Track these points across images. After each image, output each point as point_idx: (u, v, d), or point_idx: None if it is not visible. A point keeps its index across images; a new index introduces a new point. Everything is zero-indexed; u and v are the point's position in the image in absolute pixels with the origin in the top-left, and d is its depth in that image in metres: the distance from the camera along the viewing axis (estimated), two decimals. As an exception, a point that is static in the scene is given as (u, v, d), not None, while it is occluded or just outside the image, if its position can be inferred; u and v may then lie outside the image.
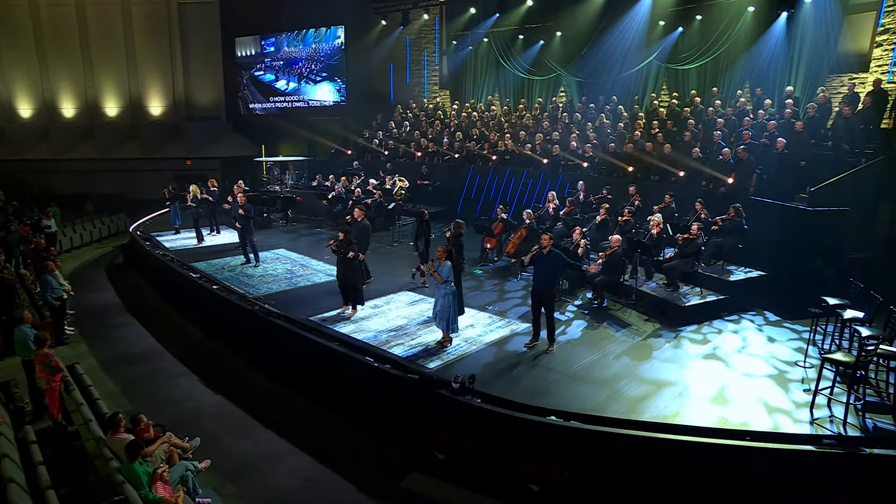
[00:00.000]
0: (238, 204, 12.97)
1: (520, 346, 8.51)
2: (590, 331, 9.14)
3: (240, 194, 13.23)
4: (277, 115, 24.37)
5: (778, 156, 11.58)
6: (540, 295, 8.25)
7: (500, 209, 13.21)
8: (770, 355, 8.25)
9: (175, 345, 11.12)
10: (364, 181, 17.46)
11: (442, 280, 8.10)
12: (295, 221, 17.99)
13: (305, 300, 10.78)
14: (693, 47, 15.97)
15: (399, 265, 13.01)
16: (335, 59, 22.72)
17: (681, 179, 12.68)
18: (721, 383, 7.42)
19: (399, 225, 15.80)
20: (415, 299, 10.65)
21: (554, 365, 7.92)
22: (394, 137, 20.19)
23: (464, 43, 20.88)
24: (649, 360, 8.12)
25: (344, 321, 9.58)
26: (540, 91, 19.60)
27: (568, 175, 15.09)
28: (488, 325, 9.30)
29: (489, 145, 17.56)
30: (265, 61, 24.62)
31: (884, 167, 10.65)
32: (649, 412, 6.72)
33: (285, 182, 20.40)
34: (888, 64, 13.35)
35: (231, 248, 14.63)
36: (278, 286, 11.60)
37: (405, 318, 9.67)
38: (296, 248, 14.79)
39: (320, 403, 8.63)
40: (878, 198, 10.44)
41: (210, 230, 16.22)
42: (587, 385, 7.38)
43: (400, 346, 8.57)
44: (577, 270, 9.04)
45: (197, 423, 8.35)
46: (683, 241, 9.94)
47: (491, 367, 7.87)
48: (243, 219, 12.81)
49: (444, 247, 8.34)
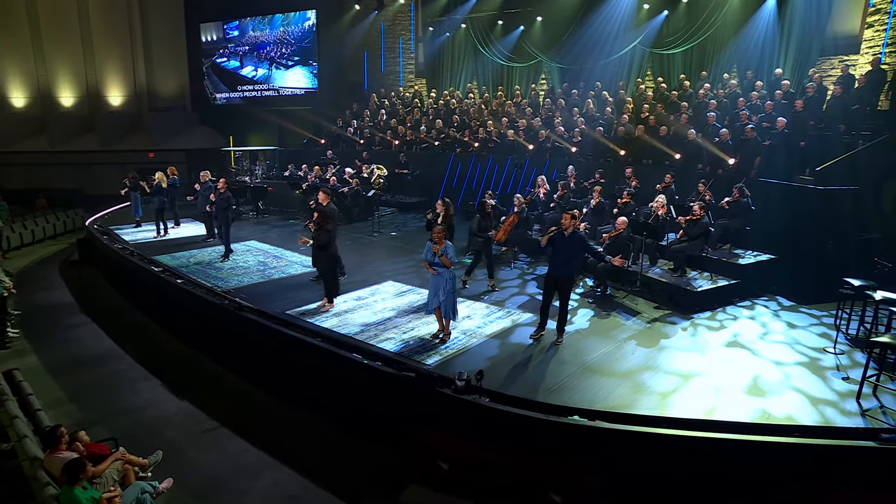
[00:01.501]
0: (219, 192, 11.72)
1: (524, 337, 7.55)
2: (597, 320, 8.25)
3: (221, 181, 11.98)
4: (244, 105, 22.86)
5: (779, 136, 10.94)
6: (557, 281, 7.29)
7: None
8: (795, 342, 7.49)
9: (135, 346, 9.81)
10: (340, 170, 16.30)
11: (450, 263, 7.11)
12: (266, 213, 16.72)
13: (281, 293, 9.63)
14: (679, 31, 15.31)
15: (381, 255, 11.96)
16: (307, 41, 21.28)
17: (677, 163, 11.92)
18: (752, 373, 6.60)
19: (378, 216, 14.71)
20: (402, 290, 9.60)
21: (566, 358, 6.98)
22: (369, 126, 19.06)
23: (440, 29, 19.88)
24: (668, 349, 7.26)
25: (326, 315, 8.48)
26: (520, 78, 18.73)
27: (555, 161, 14.23)
28: (487, 315, 8.32)
29: (470, 132, 16.59)
30: (228, 47, 22.93)
31: (888, 146, 10.07)
32: (682, 407, 5.83)
33: (255, 172, 19.05)
34: (880, 45, 12.88)
35: (196, 241, 13.35)
36: (250, 279, 10.41)
37: (393, 310, 8.62)
38: (268, 239, 13.56)
39: (302, 407, 7.52)
40: (887, 177, 9.85)
41: (173, 223, 14.83)
42: (606, 378, 6.47)
43: (390, 340, 7.52)
44: (601, 259, 7.95)
45: (159, 433, 7.15)
46: (687, 223, 9.14)
47: (496, 361, 6.89)
48: (222, 211, 11.54)
49: (440, 227, 7.32)
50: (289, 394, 7.77)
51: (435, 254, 7.18)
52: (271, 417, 7.47)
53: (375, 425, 6.75)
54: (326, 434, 6.99)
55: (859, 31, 13.28)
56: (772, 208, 9.69)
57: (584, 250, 7.50)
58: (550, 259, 7.45)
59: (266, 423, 7.31)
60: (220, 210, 11.59)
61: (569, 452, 5.55)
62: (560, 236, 7.26)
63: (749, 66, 13.97)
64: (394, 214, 16.05)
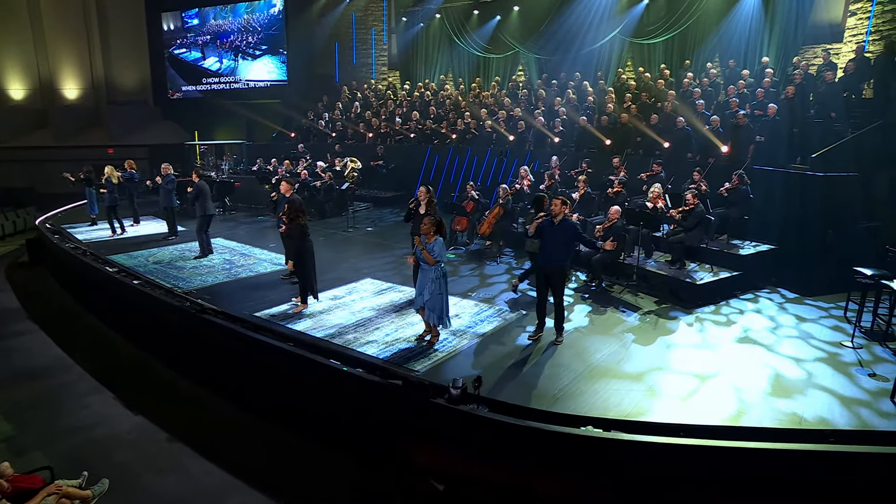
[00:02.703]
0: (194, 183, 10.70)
1: (520, 337, 6.79)
2: (596, 316, 7.54)
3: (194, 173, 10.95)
4: (206, 98, 21.52)
5: (770, 122, 10.44)
6: (548, 273, 6.55)
7: (469, 186, 11.49)
8: (808, 336, 6.90)
9: (87, 355, 8.72)
10: (311, 164, 15.32)
11: (434, 260, 6.27)
12: (234, 209, 15.61)
13: (249, 293, 8.68)
14: (659, 20, 14.82)
15: (357, 252, 11.07)
16: (275, 28, 20.01)
17: (665, 151, 11.33)
18: (771, 372, 5.96)
19: (353, 211, 13.79)
20: (382, 288, 8.74)
21: (568, 359, 6.24)
22: (341, 119, 18.09)
23: (414, 20, 19.04)
24: (677, 347, 6.58)
25: (299, 316, 7.58)
26: (497, 69, 18.03)
27: (537, 152, 13.54)
28: (476, 314, 7.53)
29: (448, 123, 15.79)
30: (187, 37, 21.37)
31: (883, 132, 9.64)
32: (705, 412, 5.14)
33: (221, 168, 17.88)
34: (863, 33, 12.54)
35: (157, 239, 12.24)
36: (214, 278, 9.42)
37: (374, 310, 7.76)
38: (235, 236, 12.52)
39: (273, 420, 6.61)
40: (884, 164, 9.40)
41: (132, 220, 13.66)
42: (616, 381, 5.74)
43: (372, 344, 6.66)
44: (592, 247, 7.30)
45: (109, 455, 6.16)
46: (681, 213, 8.51)
47: (492, 365, 6.11)
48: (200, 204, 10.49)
49: (431, 218, 6.46)
50: (258, 405, 6.85)
51: (418, 248, 6.35)
52: (238, 432, 6.54)
53: (357, 440, 5.90)
54: (301, 451, 6.10)
55: (842, 20, 12.95)
56: (769, 197, 9.15)
57: (576, 239, 6.75)
58: (540, 250, 6.71)
59: (232, 439, 6.38)
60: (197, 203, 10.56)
61: (581, 468, 4.80)
62: (549, 224, 6.52)
63: (732, 55, 13.57)
64: (369, 209, 15.15)
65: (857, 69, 10.96)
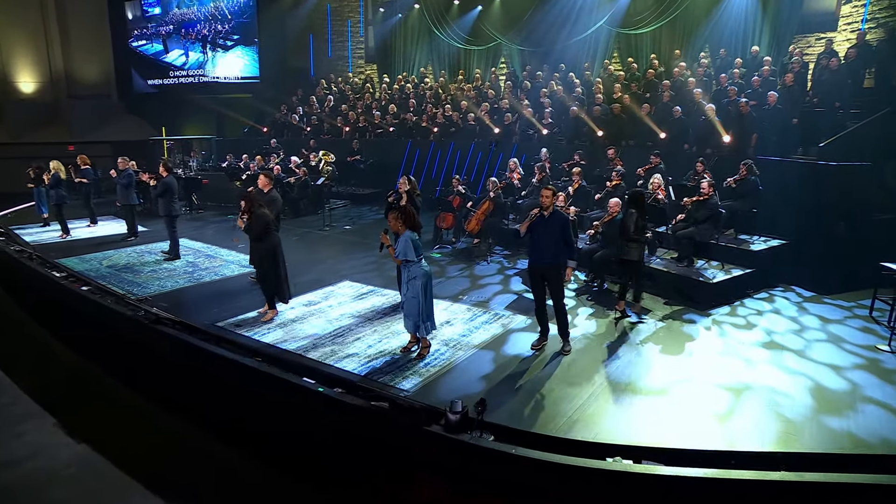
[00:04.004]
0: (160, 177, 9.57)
1: (521, 346, 5.89)
2: (603, 321, 6.67)
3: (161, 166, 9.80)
4: (174, 93, 20.14)
5: (770, 111, 9.74)
6: (543, 273, 5.66)
7: (455, 180, 10.56)
8: (839, 339, 6.14)
9: (27, 373, 7.50)
10: (285, 159, 14.21)
11: (397, 259, 5.34)
12: (201, 208, 14.41)
13: (213, 299, 7.63)
14: (647, 10, 14.07)
15: (334, 252, 10.06)
16: (247, 15, 18.53)
17: (661, 142, 10.55)
18: (808, 383, 5.16)
19: (329, 208, 12.75)
20: (362, 292, 7.75)
21: (580, 372, 5.35)
22: (316, 112, 16.98)
23: (392, 11, 18.03)
24: (699, 354, 5.75)
25: (268, 326, 6.55)
26: (478, 62, 17.11)
27: (524, 145, 12.67)
28: (470, 320, 6.60)
29: (428, 117, 14.83)
30: (149, 27, 19.67)
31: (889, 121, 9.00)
32: (749, 434, 4.30)
33: (189, 164, 16.61)
34: (859, 21, 11.97)
35: (115, 240, 11.03)
36: (174, 283, 8.31)
37: (353, 317, 6.77)
38: (201, 237, 11.36)
39: (238, 447, 5.57)
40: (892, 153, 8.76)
41: (88, 221, 12.40)
42: (638, 399, 4.87)
43: (352, 358, 5.69)
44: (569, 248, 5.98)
45: (41, 494, 5.08)
46: (694, 204, 7.72)
47: (492, 381, 5.18)
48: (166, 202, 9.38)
49: (394, 213, 5.52)
50: (221, 429, 5.80)
51: (383, 244, 5.48)
52: (197, 460, 5.49)
53: (335, 472, 4.91)
54: (270, 483, 5.09)
55: (836, 7, 12.37)
56: (776, 188, 8.41)
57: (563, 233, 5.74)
58: (530, 248, 5.80)
59: (191, 469, 5.33)
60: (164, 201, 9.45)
61: (611, 509, 3.91)
62: (540, 219, 5.63)
63: (723, 44, 12.88)
64: (347, 207, 14.10)
65: (859, 56, 10.34)
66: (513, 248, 9.73)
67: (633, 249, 6.53)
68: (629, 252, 6.57)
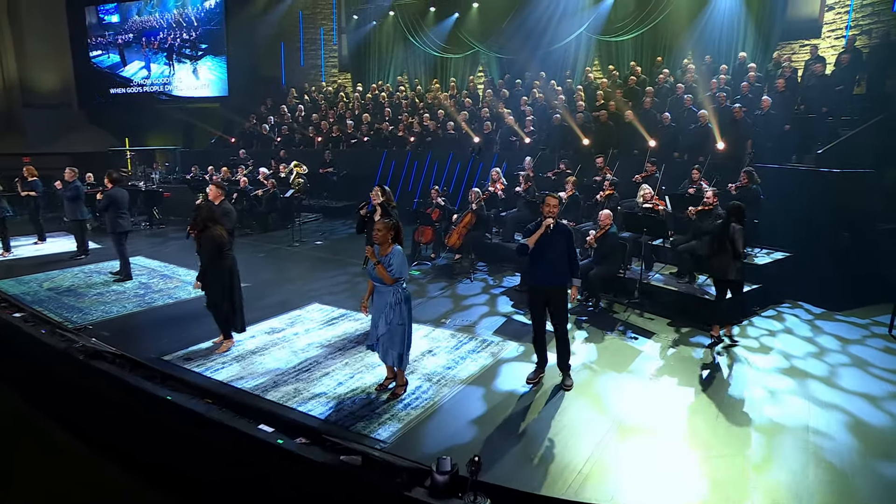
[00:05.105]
0: (107, 190, 8.57)
1: (516, 380, 5.07)
2: (603, 346, 5.91)
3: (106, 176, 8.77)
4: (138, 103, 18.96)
5: (764, 117, 9.20)
6: (547, 296, 4.88)
7: (434, 191, 9.76)
8: (863, 364, 5.47)
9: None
10: (252, 171, 13.26)
11: (392, 279, 4.49)
12: (163, 223, 13.33)
13: (164, 327, 6.65)
14: (628, 17, 13.56)
15: (304, 270, 9.15)
16: (215, 23, 17.28)
17: (650, 150, 9.91)
18: (846, 418, 4.45)
19: (300, 222, 11.82)
20: (332, 316, 6.86)
21: (585, 411, 4.55)
22: (287, 122, 16.06)
23: (366, 18, 17.24)
24: (718, 386, 5.00)
25: (223, 359, 5.62)
26: (455, 70, 16.41)
27: (505, 154, 11.95)
28: (455, 348, 5.76)
29: (405, 126, 14.04)
30: (107, 35, 18.12)
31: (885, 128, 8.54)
32: (795, 491, 3.54)
33: (151, 176, 15.49)
34: (843, 27, 11.60)
35: (62, 259, 9.94)
36: (121, 308, 7.29)
37: (322, 347, 5.88)
38: (159, 254, 10.32)
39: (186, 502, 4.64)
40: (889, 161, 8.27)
41: (36, 238, 11.25)
42: (657, 445, 4.09)
43: (319, 399, 4.79)
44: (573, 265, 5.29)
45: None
46: (698, 214, 7.05)
47: (486, 428, 4.34)
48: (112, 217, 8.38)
49: (385, 222, 4.65)
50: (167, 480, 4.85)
51: (371, 263, 4.55)
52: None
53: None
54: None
55: (819, 14, 12.01)
56: (774, 197, 7.81)
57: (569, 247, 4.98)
58: (532, 267, 5.00)
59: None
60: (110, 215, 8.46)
61: None
62: (545, 231, 4.86)
63: (706, 51, 12.40)
64: (319, 221, 13.18)
65: (852, 62, 9.93)
66: (496, 263, 8.95)
67: (738, 268, 5.87)
68: (732, 271, 5.87)
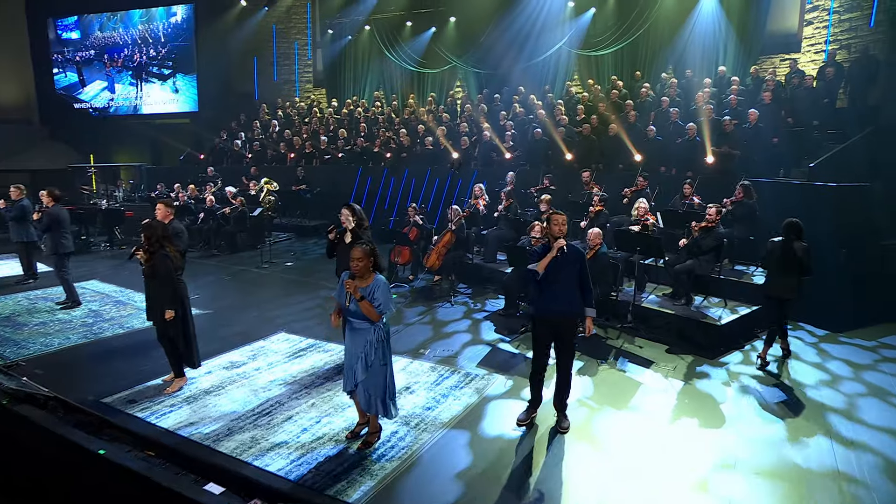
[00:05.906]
0: (45, 208, 7.80)
1: (505, 421, 4.46)
2: (598, 378, 5.33)
3: (44, 195, 7.99)
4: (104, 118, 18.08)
5: (752, 130, 8.88)
6: (557, 327, 4.28)
7: (411, 209, 9.17)
8: (881, 393, 5.00)
9: None
10: (220, 188, 12.53)
11: (378, 315, 3.84)
12: (124, 244, 12.47)
13: (111, 361, 5.90)
14: (608, 31, 13.32)
15: (271, 294, 8.45)
16: (184, 38, 16.45)
17: (635, 165, 9.51)
18: (880, 461, 3.95)
19: (270, 242, 11.10)
20: (300, 347, 6.18)
21: (584, 456, 3.96)
22: (259, 138, 15.37)
23: (341, 32, 16.75)
24: (731, 426, 4.45)
25: (173, 400, 4.90)
26: (433, 85, 15.97)
27: (484, 170, 11.46)
28: (435, 384, 5.13)
29: (381, 142, 13.48)
30: (65, 52, 17.01)
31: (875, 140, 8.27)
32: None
33: (114, 194, 14.61)
34: (822, 42, 11.47)
35: (9, 283, 9.08)
36: (64, 340, 6.50)
37: (286, 385, 5.19)
38: (116, 278, 9.51)
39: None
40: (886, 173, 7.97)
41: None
42: (670, 495, 3.51)
43: (280, 449, 4.11)
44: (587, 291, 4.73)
45: None
46: (700, 231, 6.58)
47: (474, 484, 3.70)
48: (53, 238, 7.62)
49: (363, 248, 3.97)
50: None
51: (350, 295, 3.83)
52: None
53: None
54: None
55: (798, 30, 11.89)
56: (769, 212, 7.40)
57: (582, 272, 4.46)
58: (539, 294, 4.41)
59: None
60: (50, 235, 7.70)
61: None
62: (556, 256, 4.29)
63: (687, 65, 12.17)
64: (290, 240, 12.47)
65: (836, 75, 9.73)
66: (478, 285, 8.38)
67: (797, 286, 5.45)
68: (792, 290, 5.46)
